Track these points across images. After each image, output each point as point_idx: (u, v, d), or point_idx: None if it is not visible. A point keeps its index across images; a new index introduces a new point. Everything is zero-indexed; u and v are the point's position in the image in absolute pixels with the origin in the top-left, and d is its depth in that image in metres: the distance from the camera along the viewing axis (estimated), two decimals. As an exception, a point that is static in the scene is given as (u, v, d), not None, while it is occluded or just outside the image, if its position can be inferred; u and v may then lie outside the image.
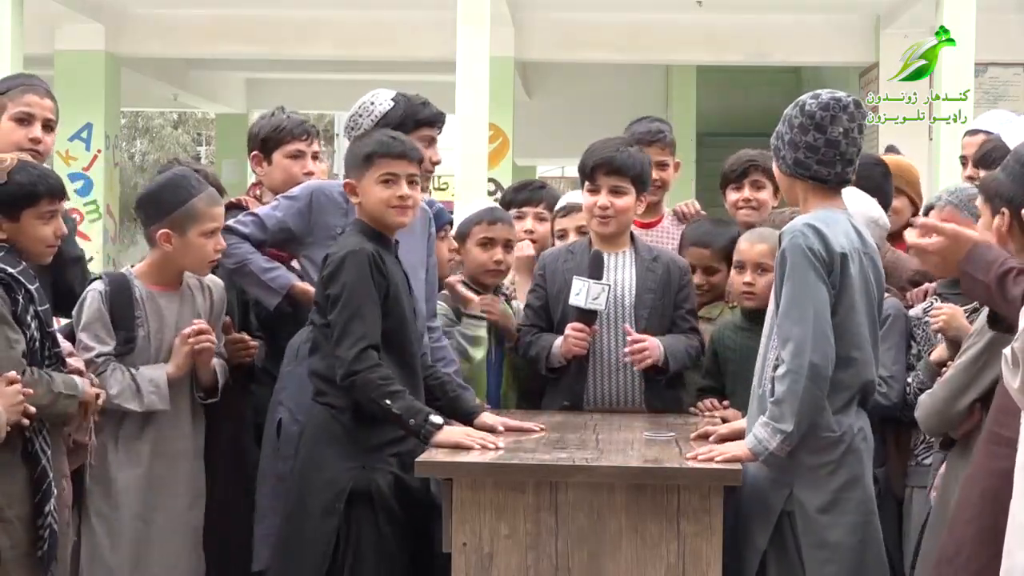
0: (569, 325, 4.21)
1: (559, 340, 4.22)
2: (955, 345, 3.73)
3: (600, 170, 4.30)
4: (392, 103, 4.14)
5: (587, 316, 4.20)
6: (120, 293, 3.80)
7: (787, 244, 3.44)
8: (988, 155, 4.42)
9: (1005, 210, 3.26)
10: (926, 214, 4.05)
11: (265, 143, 4.57)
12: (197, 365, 3.90)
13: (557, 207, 4.97)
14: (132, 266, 3.96)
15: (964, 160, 5.01)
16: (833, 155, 3.50)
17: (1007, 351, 2.68)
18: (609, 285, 4.21)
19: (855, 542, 3.45)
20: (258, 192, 4.71)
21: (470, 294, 4.38)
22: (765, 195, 4.79)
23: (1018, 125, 4.77)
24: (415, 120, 4.13)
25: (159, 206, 3.85)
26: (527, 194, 5.07)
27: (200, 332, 3.86)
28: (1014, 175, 3.28)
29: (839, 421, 3.46)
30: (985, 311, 3.29)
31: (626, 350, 4.19)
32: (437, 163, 4.26)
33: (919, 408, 3.53)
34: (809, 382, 3.38)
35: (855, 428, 3.50)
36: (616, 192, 4.29)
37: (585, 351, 4.21)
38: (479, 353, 4.36)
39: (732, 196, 4.90)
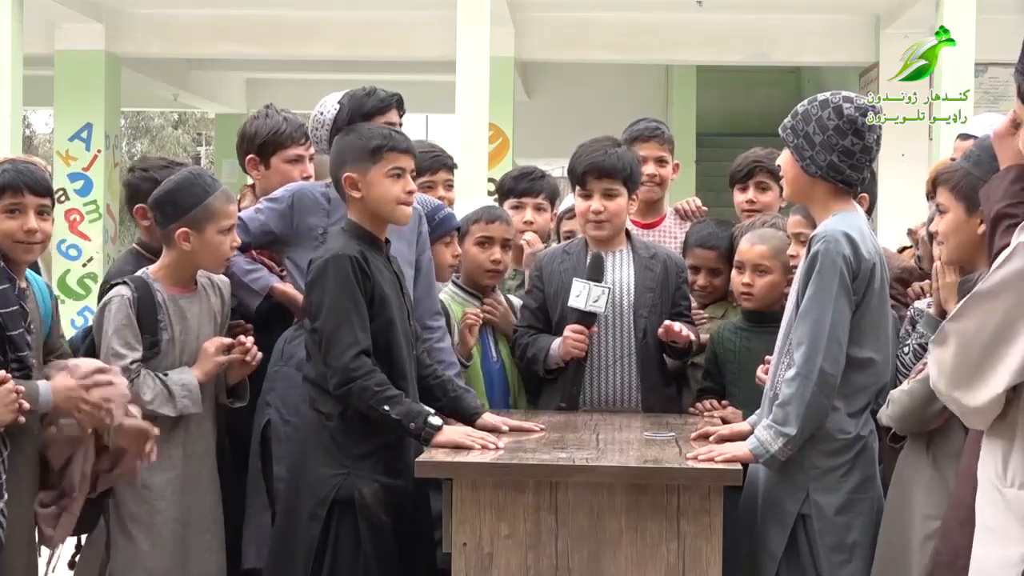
0: (568, 327, 4.20)
1: (557, 341, 4.21)
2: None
3: (590, 175, 4.28)
4: (337, 106, 4.10)
5: (587, 318, 4.19)
6: (145, 298, 3.77)
7: (821, 248, 3.41)
8: None
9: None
10: (930, 220, 3.99)
11: (263, 147, 4.43)
12: (234, 373, 3.90)
13: (562, 209, 4.93)
14: (147, 269, 3.91)
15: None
16: (865, 161, 3.50)
17: (938, 331, 2.64)
18: (609, 288, 4.20)
19: (870, 541, 3.46)
20: (247, 195, 4.63)
21: (471, 342, 4.34)
22: (770, 197, 4.77)
23: None
24: (361, 114, 4.03)
25: (176, 205, 3.80)
26: (526, 184, 5.00)
27: (248, 348, 3.86)
28: (992, 171, 3.16)
29: (855, 423, 3.46)
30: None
31: (662, 331, 4.15)
32: None
33: (894, 404, 3.43)
34: (817, 388, 3.38)
35: (867, 429, 3.50)
36: (608, 195, 4.27)
37: (584, 353, 4.20)
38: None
39: (738, 197, 4.88)
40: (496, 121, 10.63)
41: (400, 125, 4.16)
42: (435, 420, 3.52)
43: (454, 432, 3.54)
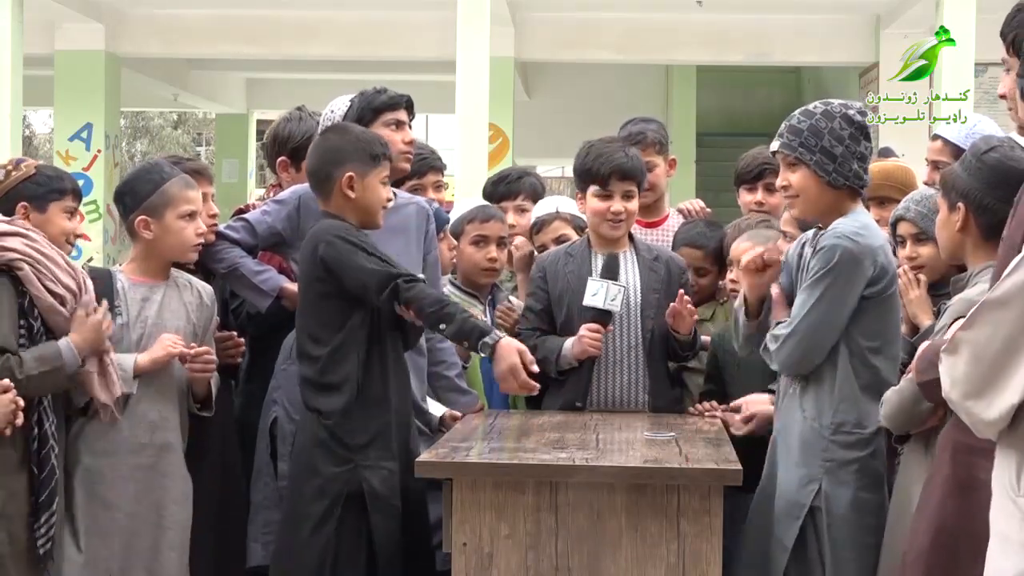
0: (584, 326, 4.19)
1: (570, 341, 4.20)
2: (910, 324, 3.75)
3: (615, 176, 4.30)
4: (348, 104, 4.14)
5: (603, 317, 4.19)
6: (100, 284, 3.77)
7: (843, 244, 3.44)
8: None
9: (961, 205, 3.28)
10: (894, 225, 3.99)
11: (296, 151, 4.47)
12: (194, 381, 3.88)
13: (531, 223, 4.91)
14: (120, 265, 3.97)
15: (936, 164, 4.87)
16: (870, 161, 3.57)
17: (950, 340, 2.63)
18: (625, 287, 4.21)
19: (876, 542, 3.45)
20: (273, 195, 4.62)
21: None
22: (777, 198, 4.71)
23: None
24: (372, 110, 4.09)
25: (134, 195, 3.86)
26: (504, 188, 4.98)
27: (199, 355, 3.82)
28: (970, 169, 3.29)
29: (872, 419, 3.47)
30: (951, 306, 3.27)
31: (668, 312, 4.18)
32: (410, 143, 4.21)
33: (885, 404, 3.43)
34: (802, 346, 3.48)
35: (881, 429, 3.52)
36: (627, 196, 4.30)
37: (599, 352, 4.20)
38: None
39: (746, 197, 4.84)
40: (496, 121, 10.63)
41: (410, 126, 4.20)
42: (489, 340, 3.55)
43: (509, 355, 3.57)
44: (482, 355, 3.59)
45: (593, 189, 4.34)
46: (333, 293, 3.61)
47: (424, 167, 4.82)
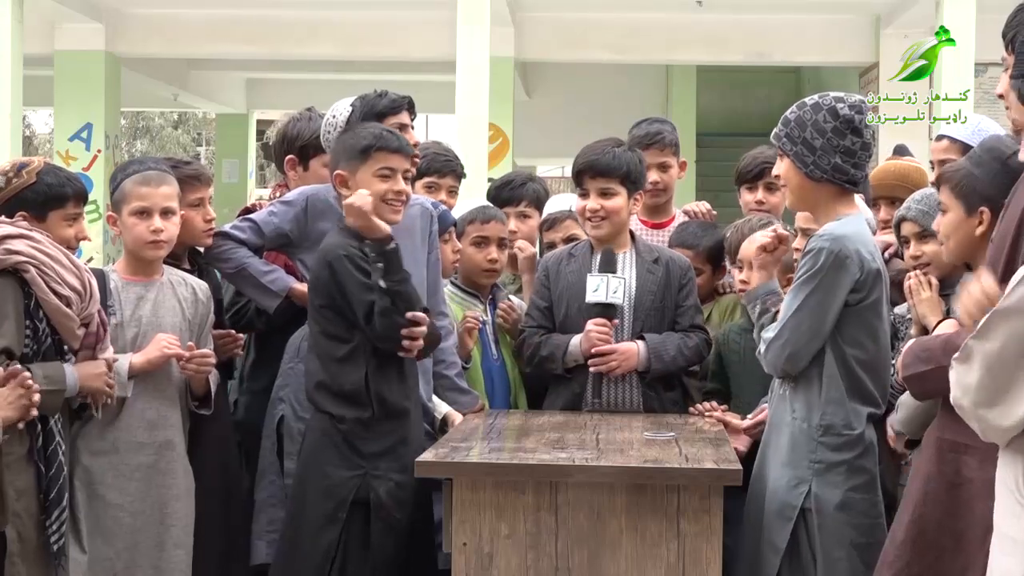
0: (591, 321, 4.19)
1: (576, 339, 4.21)
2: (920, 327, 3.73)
3: (586, 174, 4.30)
4: (350, 108, 4.14)
5: (607, 311, 4.20)
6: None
7: (827, 247, 3.42)
8: None
9: (984, 209, 3.22)
10: (898, 226, 3.98)
11: (304, 149, 4.49)
12: (192, 379, 3.89)
13: (541, 220, 4.92)
14: (113, 264, 4.01)
15: (943, 164, 4.86)
16: (865, 158, 3.53)
17: (962, 348, 2.63)
18: (624, 279, 4.22)
19: (867, 542, 3.45)
20: (279, 194, 4.63)
21: (470, 344, 4.36)
22: (778, 197, 4.73)
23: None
24: (374, 114, 4.10)
25: (110, 193, 3.95)
26: (507, 193, 4.98)
27: (197, 356, 3.83)
28: (992, 172, 3.23)
29: (863, 420, 3.47)
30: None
31: (590, 360, 4.18)
32: (416, 145, 4.20)
33: (902, 408, 3.46)
34: (784, 354, 3.49)
35: (871, 431, 3.51)
36: (605, 194, 4.28)
37: (609, 344, 4.19)
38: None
39: (746, 197, 4.85)
40: (496, 121, 10.62)
41: (412, 127, 4.20)
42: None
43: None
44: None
45: (577, 189, 4.37)
46: (340, 306, 3.64)
47: (446, 168, 4.85)
